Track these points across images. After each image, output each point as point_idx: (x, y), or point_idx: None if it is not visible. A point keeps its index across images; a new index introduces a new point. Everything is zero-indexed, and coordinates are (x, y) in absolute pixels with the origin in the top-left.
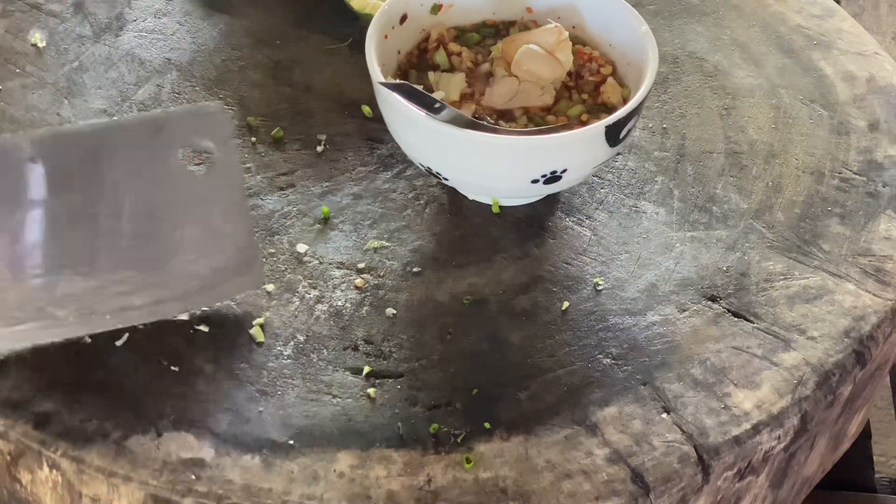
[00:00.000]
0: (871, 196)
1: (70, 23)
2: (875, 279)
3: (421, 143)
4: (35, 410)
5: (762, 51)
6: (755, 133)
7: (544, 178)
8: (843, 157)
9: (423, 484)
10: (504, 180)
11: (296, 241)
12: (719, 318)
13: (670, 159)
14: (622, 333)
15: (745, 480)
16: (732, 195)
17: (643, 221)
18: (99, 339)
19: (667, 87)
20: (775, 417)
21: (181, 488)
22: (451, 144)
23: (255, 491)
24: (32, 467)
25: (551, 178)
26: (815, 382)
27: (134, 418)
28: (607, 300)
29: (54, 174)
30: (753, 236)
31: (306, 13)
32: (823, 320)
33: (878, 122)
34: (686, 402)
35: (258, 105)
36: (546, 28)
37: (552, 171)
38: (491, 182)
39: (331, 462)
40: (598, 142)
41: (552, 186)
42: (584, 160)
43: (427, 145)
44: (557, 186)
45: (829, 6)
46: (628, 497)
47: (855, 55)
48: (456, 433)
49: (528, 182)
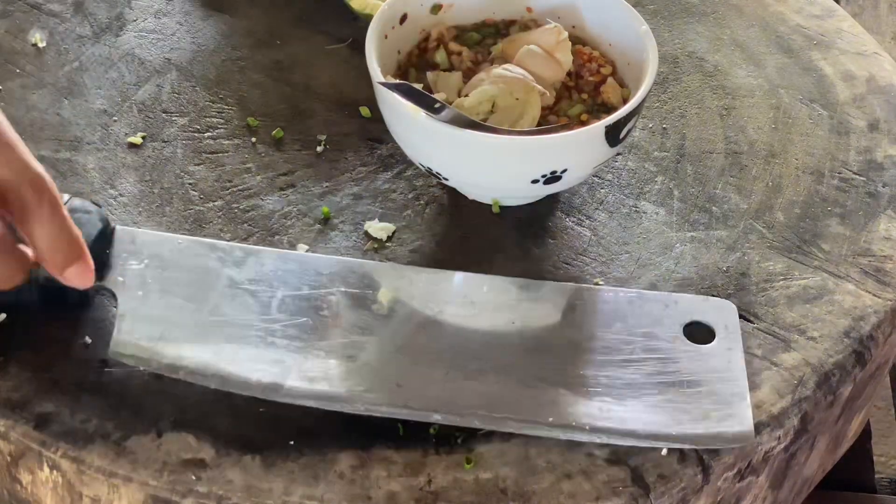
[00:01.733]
0: (871, 196)
1: (70, 23)
2: (875, 279)
3: (421, 144)
4: (35, 411)
5: (762, 51)
6: (755, 133)
7: (544, 178)
8: (843, 157)
9: (424, 484)
10: (504, 180)
11: (296, 241)
12: None
13: (670, 159)
14: None
15: (745, 481)
16: (732, 195)
17: (643, 221)
18: (99, 340)
19: (666, 87)
20: (775, 418)
21: (181, 489)
22: (451, 144)
23: (256, 491)
24: (33, 468)
25: (551, 179)
26: (815, 383)
27: (134, 419)
28: None
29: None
30: (753, 236)
31: (306, 13)
32: (823, 320)
33: (877, 121)
34: None
35: (258, 105)
36: (546, 28)
37: (552, 172)
38: (491, 182)
39: (331, 462)
40: (598, 142)
41: (552, 186)
42: (584, 160)
43: (427, 145)
44: (558, 186)
45: (829, 6)
46: (628, 497)
47: (855, 55)
48: (456, 433)
49: (527, 182)
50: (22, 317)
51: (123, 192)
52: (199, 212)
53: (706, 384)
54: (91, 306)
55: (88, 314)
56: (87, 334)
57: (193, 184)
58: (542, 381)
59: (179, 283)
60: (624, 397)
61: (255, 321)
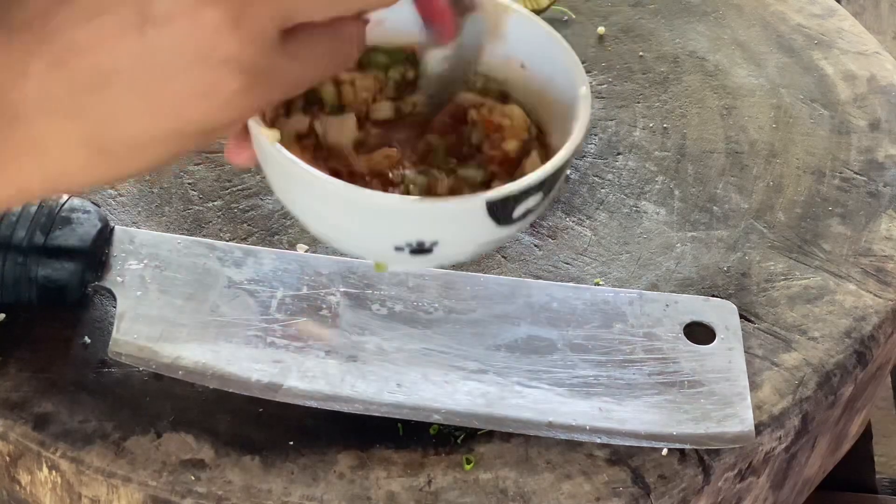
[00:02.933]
0: (872, 196)
1: None
2: (876, 279)
3: (269, 178)
4: (34, 411)
5: (763, 50)
6: (756, 133)
7: (410, 247)
8: (844, 157)
9: (424, 485)
10: (360, 240)
11: (296, 241)
12: None
13: (671, 159)
14: None
15: (745, 481)
16: (733, 195)
17: (644, 221)
18: (98, 340)
19: (667, 87)
20: (776, 418)
21: (181, 489)
22: (293, 185)
23: (255, 492)
24: (32, 468)
25: (419, 250)
26: (816, 383)
27: (133, 419)
28: None
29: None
30: (754, 236)
31: None
32: (824, 320)
33: (878, 121)
34: None
35: None
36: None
37: (418, 242)
38: (347, 240)
39: (331, 463)
40: (477, 217)
41: (424, 259)
42: (460, 236)
43: (272, 182)
44: (432, 260)
45: (830, 5)
46: (629, 498)
47: (856, 54)
48: (456, 433)
49: (391, 248)
50: (21, 317)
51: (122, 191)
52: (198, 212)
53: (707, 384)
54: (90, 306)
55: (87, 314)
56: (86, 334)
57: (193, 183)
58: (541, 381)
59: (179, 282)
60: (624, 397)
61: (254, 321)
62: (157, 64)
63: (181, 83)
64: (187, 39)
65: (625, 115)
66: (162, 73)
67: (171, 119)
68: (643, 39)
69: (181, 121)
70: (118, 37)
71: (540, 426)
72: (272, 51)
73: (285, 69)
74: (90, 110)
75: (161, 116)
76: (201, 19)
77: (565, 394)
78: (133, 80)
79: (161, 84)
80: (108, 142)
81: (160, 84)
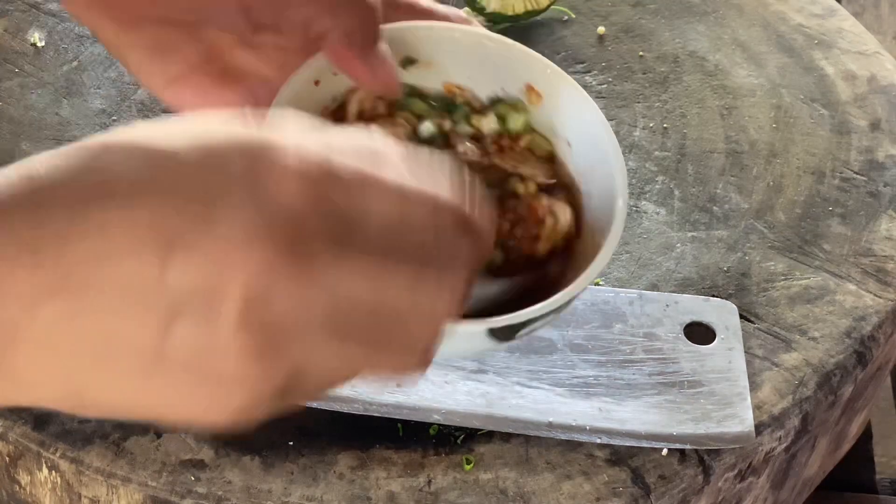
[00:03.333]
0: (873, 196)
1: (69, 22)
2: (876, 279)
3: None
4: (34, 411)
5: (763, 50)
6: (756, 133)
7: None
8: (844, 157)
9: (424, 485)
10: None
11: None
12: None
13: (671, 159)
14: None
15: (745, 481)
16: (733, 195)
17: (644, 221)
18: None
19: (667, 87)
20: (776, 418)
21: (180, 489)
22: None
23: (255, 492)
24: (31, 468)
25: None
26: (816, 383)
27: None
28: None
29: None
30: (754, 236)
31: None
32: (824, 321)
33: (879, 121)
34: None
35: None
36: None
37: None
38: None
39: (331, 463)
40: (478, 338)
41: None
42: (459, 348)
43: None
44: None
45: (830, 5)
46: (629, 498)
47: (856, 54)
48: (456, 433)
49: None
50: None
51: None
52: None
53: (707, 384)
54: None
55: None
56: None
57: None
58: (542, 382)
59: None
60: (624, 398)
61: None
62: (165, 370)
63: (180, 393)
64: (205, 358)
65: (625, 115)
66: (163, 380)
67: (159, 411)
68: (643, 39)
69: (169, 416)
70: (139, 326)
71: (540, 426)
72: (275, 396)
73: (277, 406)
74: (83, 375)
75: (148, 408)
76: (229, 344)
77: (565, 394)
78: (132, 370)
79: (158, 387)
80: (89, 402)
81: (157, 386)
